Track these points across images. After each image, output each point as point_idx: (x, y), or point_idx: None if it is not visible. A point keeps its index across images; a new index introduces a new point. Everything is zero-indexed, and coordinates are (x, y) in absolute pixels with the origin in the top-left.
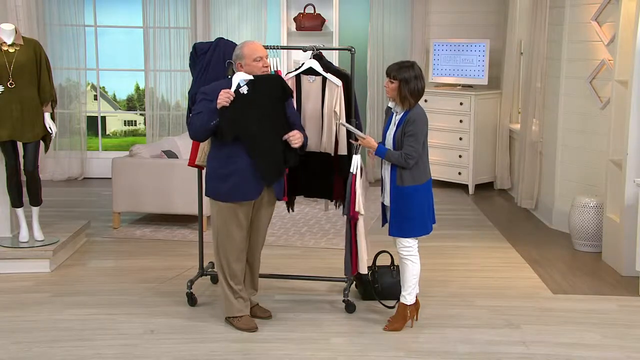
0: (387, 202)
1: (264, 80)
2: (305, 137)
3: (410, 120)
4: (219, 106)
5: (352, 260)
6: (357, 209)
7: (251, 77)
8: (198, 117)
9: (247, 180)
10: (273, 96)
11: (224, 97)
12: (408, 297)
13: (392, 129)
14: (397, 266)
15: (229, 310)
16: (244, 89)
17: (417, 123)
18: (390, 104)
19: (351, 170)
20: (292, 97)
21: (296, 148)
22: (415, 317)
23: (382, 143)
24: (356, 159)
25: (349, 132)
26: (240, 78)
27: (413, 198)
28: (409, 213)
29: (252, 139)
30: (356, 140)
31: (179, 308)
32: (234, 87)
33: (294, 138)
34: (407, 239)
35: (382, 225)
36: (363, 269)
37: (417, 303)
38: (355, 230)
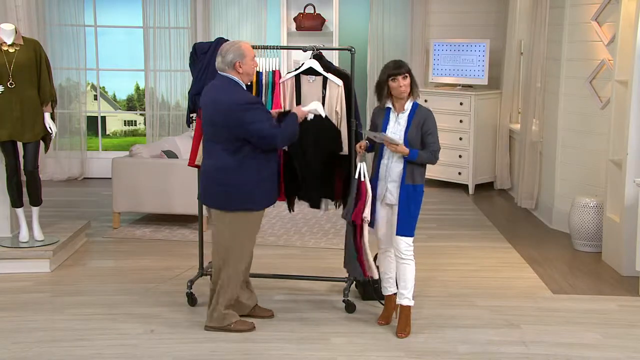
0: (389, 201)
1: (321, 123)
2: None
3: (427, 118)
4: (306, 117)
5: (361, 264)
6: (364, 215)
7: (322, 114)
8: (285, 130)
9: (276, 183)
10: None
11: (302, 114)
12: (411, 298)
13: (396, 128)
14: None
15: (223, 321)
16: (310, 116)
17: (432, 120)
18: (389, 105)
19: (356, 177)
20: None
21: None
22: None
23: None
24: (361, 166)
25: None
26: (317, 108)
27: (421, 196)
28: (416, 211)
29: (300, 156)
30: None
31: (179, 308)
32: (309, 109)
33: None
34: (411, 238)
35: (373, 227)
36: (375, 273)
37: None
38: (361, 235)
